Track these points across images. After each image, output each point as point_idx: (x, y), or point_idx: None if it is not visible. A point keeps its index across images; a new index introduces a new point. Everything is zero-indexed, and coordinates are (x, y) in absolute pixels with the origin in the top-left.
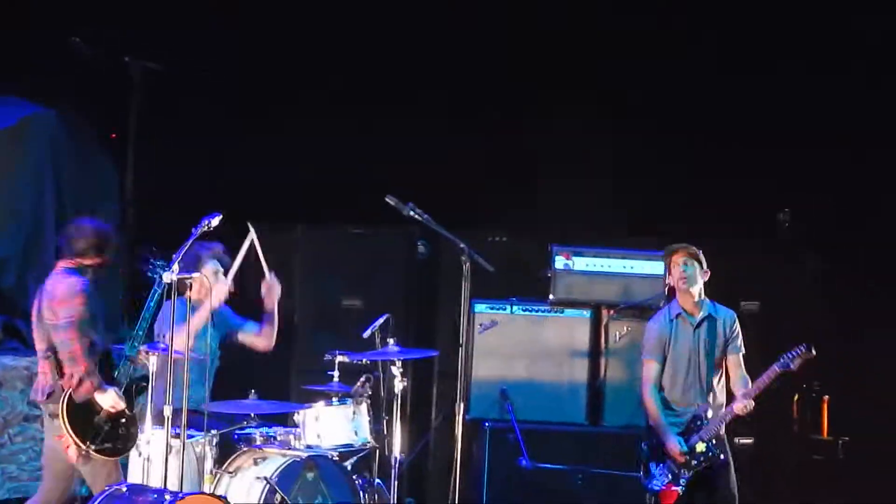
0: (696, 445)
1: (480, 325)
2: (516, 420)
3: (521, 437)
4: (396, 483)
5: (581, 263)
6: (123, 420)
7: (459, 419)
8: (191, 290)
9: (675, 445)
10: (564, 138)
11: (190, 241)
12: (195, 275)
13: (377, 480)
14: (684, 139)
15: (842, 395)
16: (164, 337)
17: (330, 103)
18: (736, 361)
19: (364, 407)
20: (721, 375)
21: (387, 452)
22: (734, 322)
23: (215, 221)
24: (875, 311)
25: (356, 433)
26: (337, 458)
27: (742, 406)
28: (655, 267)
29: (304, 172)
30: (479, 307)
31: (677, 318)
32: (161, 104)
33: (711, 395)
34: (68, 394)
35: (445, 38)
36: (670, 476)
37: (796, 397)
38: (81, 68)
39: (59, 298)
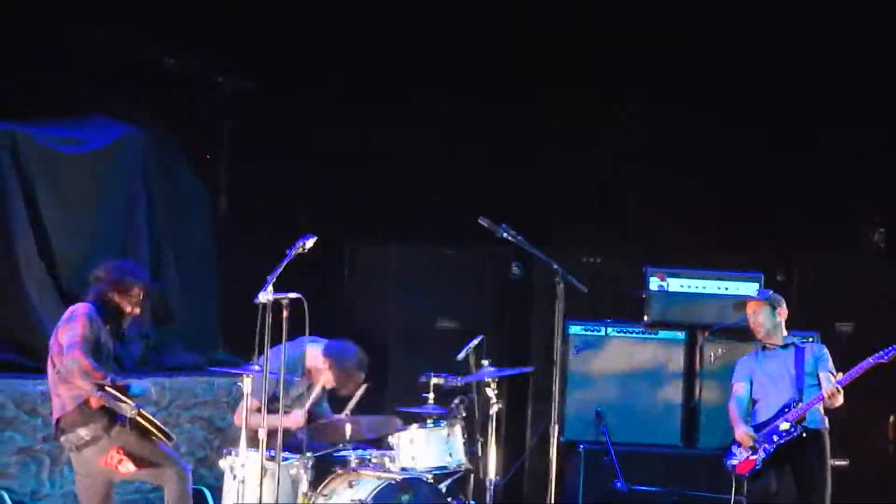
0: (780, 424)
1: (575, 347)
2: (611, 442)
3: (616, 458)
4: None
5: (675, 285)
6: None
7: (554, 441)
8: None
9: (744, 432)
10: (654, 155)
11: (284, 263)
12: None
13: (472, 502)
14: (773, 154)
15: None
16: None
17: (420, 120)
18: (826, 377)
19: (458, 429)
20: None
21: (481, 475)
22: (822, 348)
23: (310, 243)
24: None
25: (451, 455)
26: (431, 481)
27: (832, 391)
28: (749, 288)
29: (399, 192)
30: (574, 328)
31: (763, 349)
32: (254, 123)
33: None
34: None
35: (533, 54)
36: (748, 452)
37: (892, 419)
38: (174, 88)
39: (61, 327)
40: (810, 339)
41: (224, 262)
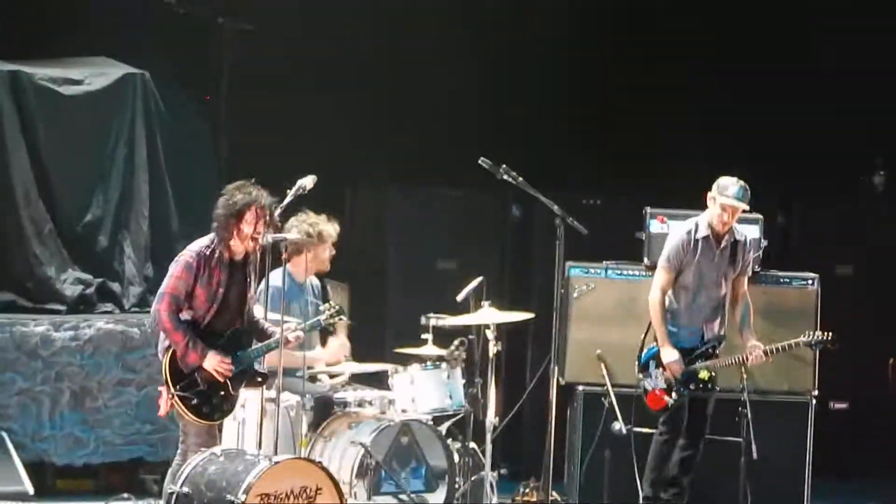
0: (701, 372)
1: (575, 288)
2: (611, 384)
3: (616, 400)
4: (491, 447)
5: (676, 226)
6: (222, 393)
7: (553, 383)
8: (297, 255)
9: (671, 357)
10: (658, 100)
11: (286, 203)
12: (290, 236)
13: (471, 444)
14: (778, 98)
15: None
16: (258, 302)
17: (426, 59)
18: (742, 282)
19: (458, 370)
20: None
21: (481, 416)
22: (752, 245)
23: (310, 184)
24: None
25: (450, 397)
26: (431, 423)
27: (758, 361)
28: (751, 230)
29: (399, 134)
30: (574, 271)
31: (703, 239)
32: (254, 65)
33: (720, 319)
34: (173, 349)
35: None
36: (665, 384)
37: (891, 361)
38: (174, 29)
39: (170, 267)
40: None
41: None
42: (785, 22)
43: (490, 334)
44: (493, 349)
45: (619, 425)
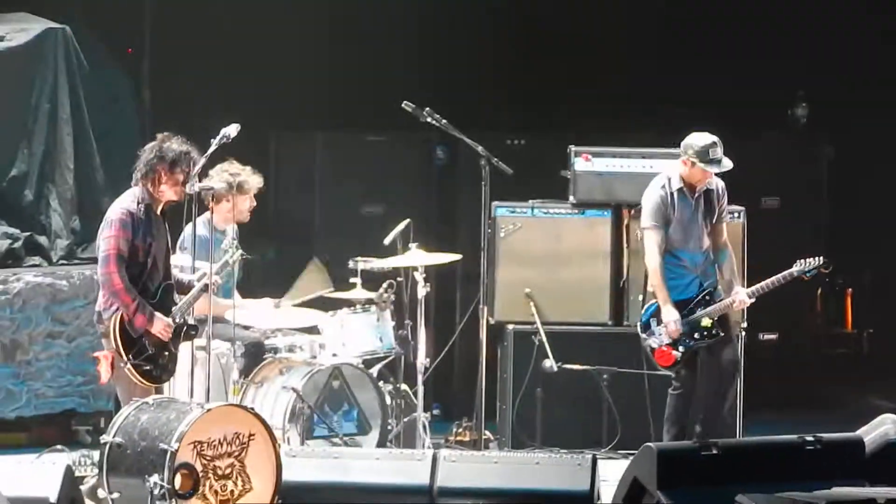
0: (702, 320)
1: (501, 228)
2: (540, 322)
3: (546, 338)
4: (422, 388)
5: (601, 164)
6: (167, 353)
7: (483, 323)
8: (218, 203)
9: (671, 317)
10: (577, 36)
11: (209, 153)
12: (217, 186)
13: (403, 386)
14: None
15: (865, 288)
16: (185, 249)
17: (345, 7)
18: (721, 230)
19: (388, 313)
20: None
21: (412, 358)
22: (724, 192)
23: (234, 132)
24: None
25: (381, 340)
26: (362, 366)
27: (743, 305)
28: (676, 166)
29: (322, 80)
30: (500, 211)
31: (678, 191)
32: (175, 17)
33: (711, 267)
34: (121, 314)
35: None
36: (669, 339)
37: (819, 291)
38: None
39: (101, 229)
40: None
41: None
42: None
43: (418, 276)
44: (421, 291)
45: (549, 363)
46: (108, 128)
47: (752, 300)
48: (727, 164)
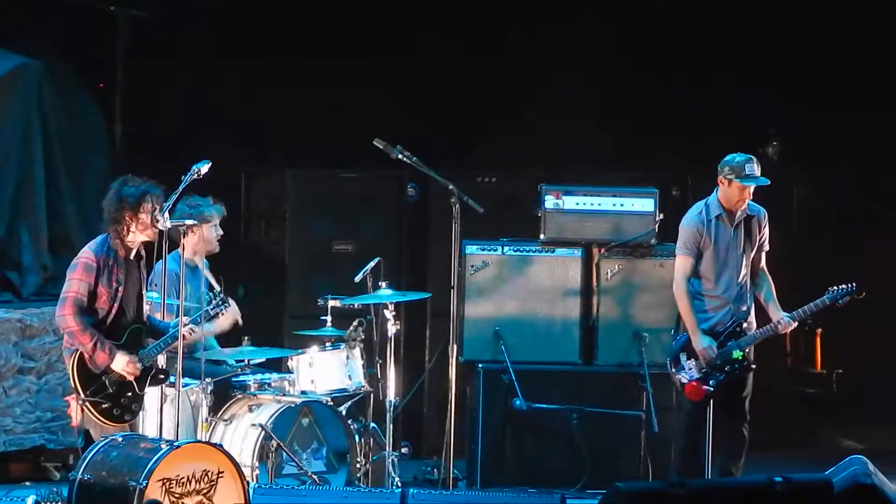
0: (734, 352)
1: (472, 266)
2: (510, 361)
3: (516, 377)
4: (391, 426)
5: (571, 202)
6: (130, 394)
7: (453, 361)
8: (185, 237)
9: (704, 344)
10: (548, 76)
11: (180, 189)
12: (188, 221)
13: (372, 424)
14: (667, 70)
15: (835, 329)
16: (155, 286)
17: (312, 49)
18: (760, 258)
19: (357, 351)
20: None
21: (381, 396)
22: (766, 218)
23: (205, 169)
24: (869, 241)
25: (350, 377)
26: (331, 403)
27: (788, 329)
28: (646, 204)
29: (293, 118)
30: (470, 248)
31: (717, 219)
32: (148, 53)
33: (746, 298)
34: (79, 355)
35: None
36: (699, 374)
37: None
38: (68, 18)
39: (68, 271)
40: None
41: None
42: None
43: (388, 314)
44: (391, 329)
45: (519, 402)
46: (80, 162)
47: (797, 324)
48: (764, 180)
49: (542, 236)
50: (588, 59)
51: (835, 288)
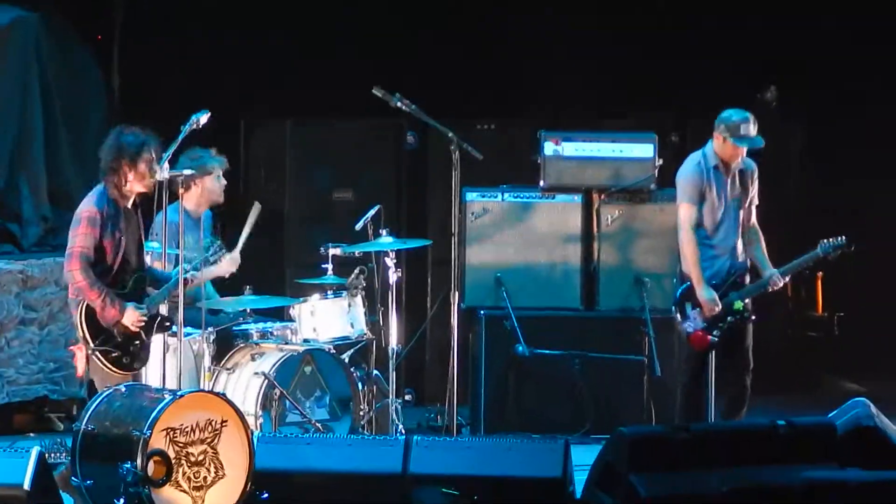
0: (735, 303)
1: (472, 213)
2: (511, 307)
3: (517, 323)
4: (394, 374)
5: (570, 149)
6: (138, 342)
7: (455, 308)
8: (184, 188)
9: (708, 296)
10: (547, 22)
11: (179, 139)
12: (186, 171)
13: (374, 371)
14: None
15: (836, 272)
16: (156, 236)
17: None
18: (752, 212)
19: (359, 299)
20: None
21: (383, 343)
22: (756, 173)
23: (204, 119)
24: (867, 186)
25: (352, 325)
26: (334, 351)
27: (777, 287)
28: (645, 150)
29: (292, 68)
30: (470, 195)
31: (715, 168)
32: (145, 3)
33: (742, 247)
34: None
35: None
36: (703, 322)
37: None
38: None
39: (71, 224)
40: None
41: None
42: None
43: (389, 262)
44: (393, 276)
45: (521, 348)
46: (78, 115)
47: (786, 280)
48: (758, 142)
49: (541, 183)
50: (587, 3)
51: (825, 241)
